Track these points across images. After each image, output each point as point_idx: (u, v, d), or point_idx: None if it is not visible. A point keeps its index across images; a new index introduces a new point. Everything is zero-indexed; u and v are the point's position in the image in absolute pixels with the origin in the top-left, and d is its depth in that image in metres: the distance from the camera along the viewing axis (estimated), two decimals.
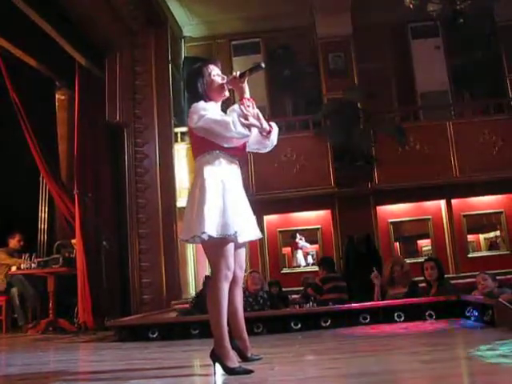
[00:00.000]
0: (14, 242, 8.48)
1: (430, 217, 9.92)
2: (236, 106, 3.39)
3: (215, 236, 3.24)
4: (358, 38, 10.21)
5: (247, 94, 3.46)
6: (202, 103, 3.50)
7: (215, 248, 3.33)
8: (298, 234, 10.15)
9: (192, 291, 9.67)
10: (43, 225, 9.43)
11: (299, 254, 10.18)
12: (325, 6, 9.82)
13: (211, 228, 3.23)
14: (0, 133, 8.82)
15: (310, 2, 9.99)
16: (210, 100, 3.57)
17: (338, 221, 9.69)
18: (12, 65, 8.39)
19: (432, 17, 8.39)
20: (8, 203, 8.56)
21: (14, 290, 8.14)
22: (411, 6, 7.74)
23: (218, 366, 3.25)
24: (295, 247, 10.19)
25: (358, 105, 9.66)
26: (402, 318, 5.84)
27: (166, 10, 9.68)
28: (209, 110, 3.43)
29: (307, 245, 10.18)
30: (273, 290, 7.62)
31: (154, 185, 8.83)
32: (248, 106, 3.38)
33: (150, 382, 2.80)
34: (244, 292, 6.94)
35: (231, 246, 3.35)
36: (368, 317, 5.88)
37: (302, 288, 8.01)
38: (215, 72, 3.62)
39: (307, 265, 10.12)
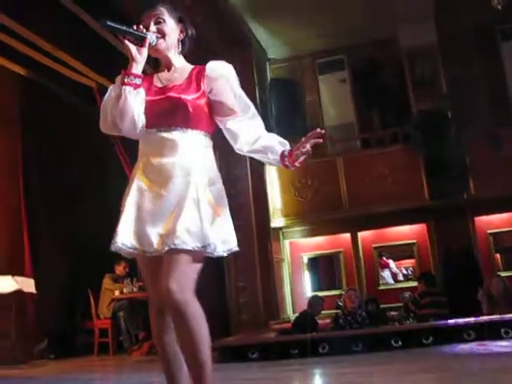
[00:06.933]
0: (120, 269, 8.81)
1: None
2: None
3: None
4: (443, 45, 9.94)
5: (134, 67, 2.43)
6: None
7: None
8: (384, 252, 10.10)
9: (289, 311, 9.70)
10: None
11: (386, 272, 10.07)
12: (406, 14, 9.56)
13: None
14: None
15: (391, 13, 9.80)
16: None
17: (434, 234, 9.45)
18: None
19: None
20: (106, 226, 8.91)
21: (120, 314, 8.46)
22: (499, 7, 7.48)
23: None
24: (383, 266, 10.06)
25: (449, 114, 9.41)
26: (510, 335, 5.56)
27: (249, 32, 9.81)
28: None
29: (392, 263, 10.14)
30: (370, 306, 7.50)
31: (248, 205, 8.93)
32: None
33: None
34: (342, 310, 6.95)
35: None
36: (472, 333, 5.65)
37: (401, 304, 7.86)
38: None
39: (400, 281, 9.98)
